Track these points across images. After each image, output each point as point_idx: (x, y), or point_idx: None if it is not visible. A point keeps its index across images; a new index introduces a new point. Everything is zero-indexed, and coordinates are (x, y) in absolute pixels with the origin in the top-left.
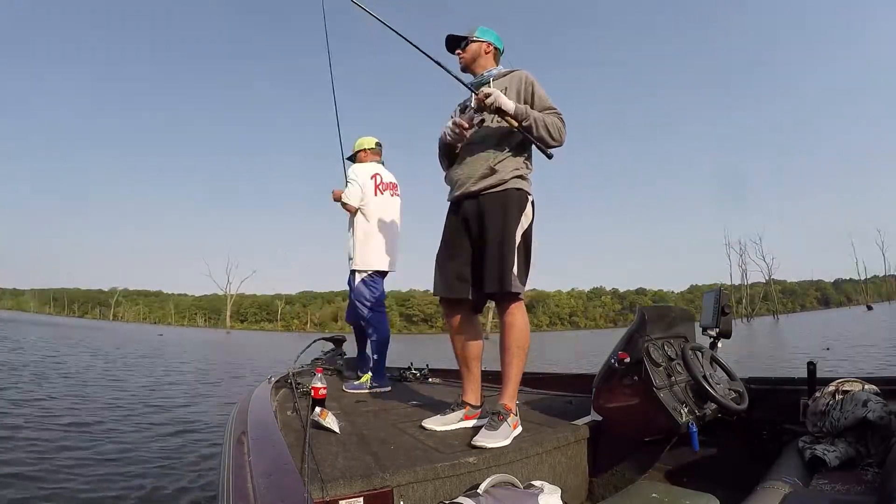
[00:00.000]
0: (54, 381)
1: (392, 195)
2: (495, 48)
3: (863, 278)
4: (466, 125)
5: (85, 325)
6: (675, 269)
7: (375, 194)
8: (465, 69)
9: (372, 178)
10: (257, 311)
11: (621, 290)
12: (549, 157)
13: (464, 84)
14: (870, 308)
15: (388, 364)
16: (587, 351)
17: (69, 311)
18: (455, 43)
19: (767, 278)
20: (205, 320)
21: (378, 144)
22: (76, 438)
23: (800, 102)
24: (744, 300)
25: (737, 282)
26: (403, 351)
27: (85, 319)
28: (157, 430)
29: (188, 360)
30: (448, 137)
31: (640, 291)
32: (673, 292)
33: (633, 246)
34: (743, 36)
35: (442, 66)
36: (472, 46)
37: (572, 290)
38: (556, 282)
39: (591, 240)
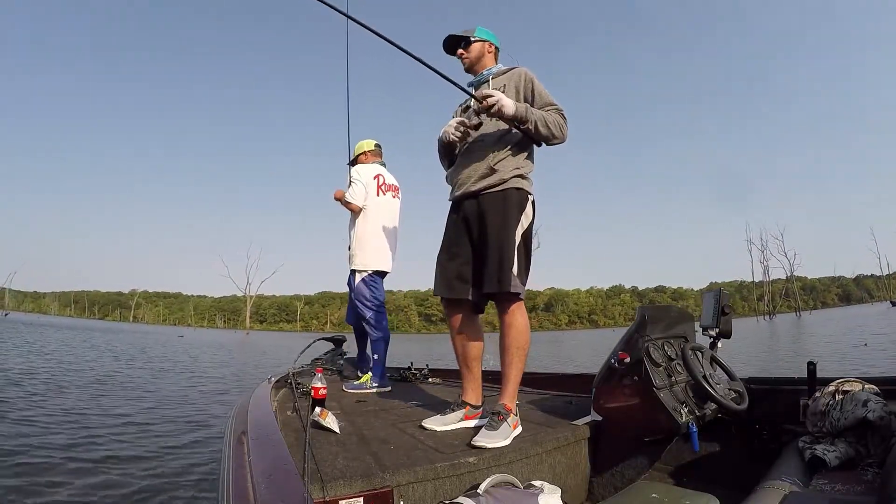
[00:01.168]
0: (70, 382)
1: (393, 197)
2: (495, 48)
3: (885, 273)
4: (471, 124)
5: (105, 328)
6: (695, 267)
7: (378, 195)
8: (469, 69)
9: (375, 178)
10: (276, 312)
11: (640, 287)
12: (539, 144)
13: (462, 89)
14: (894, 304)
15: (388, 364)
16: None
17: (89, 314)
18: (456, 43)
19: (789, 274)
20: (224, 321)
21: (377, 146)
22: (79, 439)
23: (817, 99)
24: (766, 297)
25: (758, 278)
26: (420, 351)
27: (105, 322)
28: (158, 431)
29: (212, 364)
30: (451, 137)
31: (660, 289)
32: (692, 290)
33: (652, 244)
34: (766, 33)
35: (441, 74)
36: (475, 46)
37: (591, 288)
38: (575, 280)
39: (610, 238)
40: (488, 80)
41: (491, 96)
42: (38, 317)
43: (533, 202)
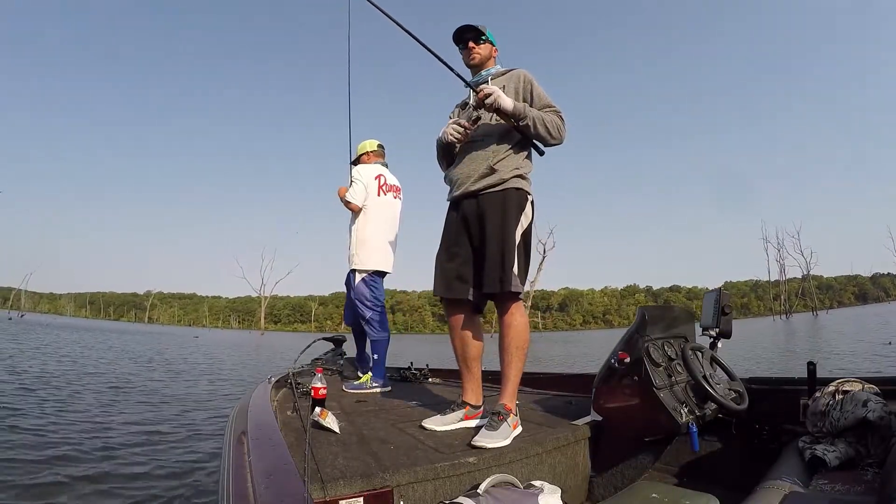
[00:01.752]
0: (84, 386)
1: (395, 197)
2: (497, 52)
3: None
4: (469, 125)
5: (120, 329)
6: (710, 266)
7: (378, 195)
8: (473, 66)
9: (376, 178)
10: (291, 313)
11: (655, 287)
12: (541, 153)
13: (464, 81)
14: None
15: (388, 364)
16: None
17: (105, 315)
18: (469, 35)
19: (805, 273)
20: (239, 322)
21: (380, 146)
22: (87, 441)
23: (831, 95)
24: (782, 296)
25: (773, 277)
26: (432, 353)
27: (121, 322)
28: (159, 430)
29: (232, 366)
30: (449, 137)
31: (675, 289)
32: (707, 289)
33: (667, 243)
34: (787, 30)
35: (445, 64)
36: (486, 45)
37: (605, 288)
38: (589, 280)
39: (624, 238)
40: (487, 81)
41: (489, 90)
42: (54, 318)
43: (532, 202)
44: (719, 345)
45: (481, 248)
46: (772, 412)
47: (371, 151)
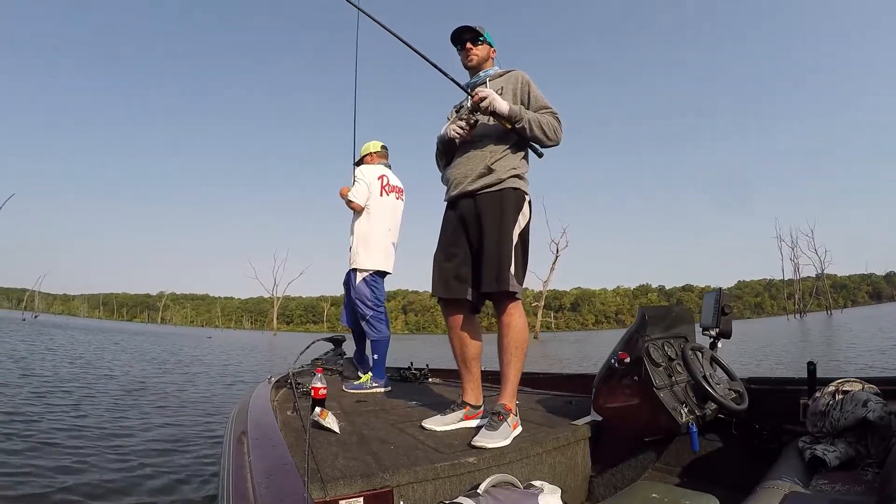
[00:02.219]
0: (97, 390)
1: (397, 198)
2: (495, 53)
3: None
4: (469, 125)
5: (134, 330)
6: (724, 265)
7: (381, 195)
8: (471, 67)
9: (379, 178)
10: (303, 313)
11: (668, 287)
12: (540, 155)
13: (459, 85)
14: None
15: (388, 364)
16: None
17: (118, 316)
18: (467, 35)
19: (820, 272)
20: (251, 322)
21: (384, 147)
22: (80, 438)
23: (842, 94)
24: (796, 295)
25: (787, 276)
26: (441, 353)
27: (134, 323)
28: (159, 430)
29: (248, 367)
30: (452, 133)
31: (687, 288)
32: (720, 288)
33: (681, 242)
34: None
35: (439, 69)
36: (484, 46)
37: (618, 287)
38: (601, 280)
39: (637, 237)
40: (485, 82)
41: (484, 94)
42: (68, 319)
43: (530, 202)
44: (719, 345)
45: (479, 248)
46: (772, 412)
47: (375, 152)
